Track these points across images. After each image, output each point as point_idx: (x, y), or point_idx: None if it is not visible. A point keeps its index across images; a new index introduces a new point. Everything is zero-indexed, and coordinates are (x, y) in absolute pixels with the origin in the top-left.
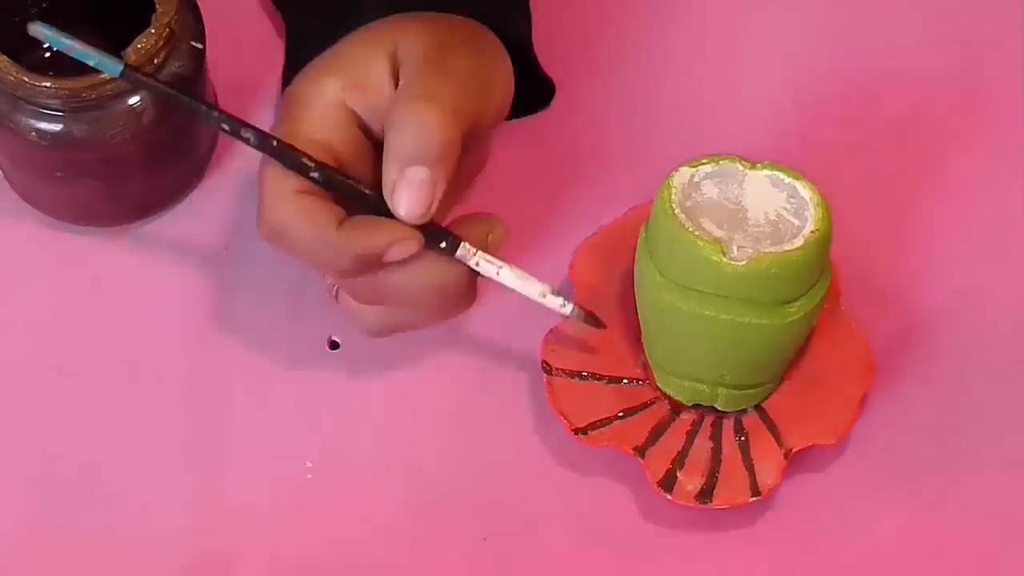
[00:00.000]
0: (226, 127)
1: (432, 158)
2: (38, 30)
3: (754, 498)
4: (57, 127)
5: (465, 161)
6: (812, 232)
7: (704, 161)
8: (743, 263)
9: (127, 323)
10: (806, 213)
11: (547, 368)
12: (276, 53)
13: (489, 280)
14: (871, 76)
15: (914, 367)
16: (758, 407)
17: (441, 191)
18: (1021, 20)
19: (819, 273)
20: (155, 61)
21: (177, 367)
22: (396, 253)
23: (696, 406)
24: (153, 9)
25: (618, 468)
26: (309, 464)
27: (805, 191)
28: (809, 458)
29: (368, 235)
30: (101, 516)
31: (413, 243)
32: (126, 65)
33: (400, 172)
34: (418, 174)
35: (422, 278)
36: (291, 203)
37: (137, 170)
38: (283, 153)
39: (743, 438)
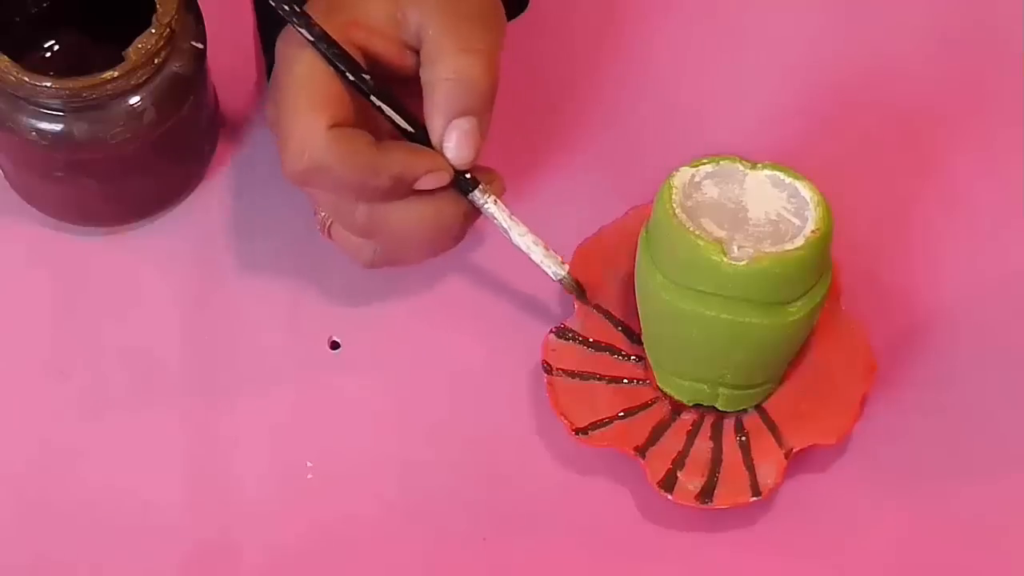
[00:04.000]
0: (285, 6)
1: (478, 109)
2: None
3: (754, 498)
4: (57, 127)
5: None
6: (813, 232)
7: (705, 161)
8: (743, 263)
9: (127, 323)
10: (807, 213)
11: (547, 368)
12: None
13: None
14: (872, 76)
15: (915, 367)
16: (759, 407)
17: (485, 135)
18: (1021, 20)
19: (820, 273)
20: (155, 61)
21: (177, 367)
22: (429, 181)
23: (696, 406)
24: (153, 9)
25: (618, 468)
26: (309, 464)
27: (806, 191)
28: (809, 458)
29: (410, 159)
30: (101, 516)
31: (446, 174)
32: None
33: (446, 124)
34: (465, 124)
35: (424, 211)
36: (327, 135)
37: (137, 170)
38: (340, 52)
39: (744, 438)
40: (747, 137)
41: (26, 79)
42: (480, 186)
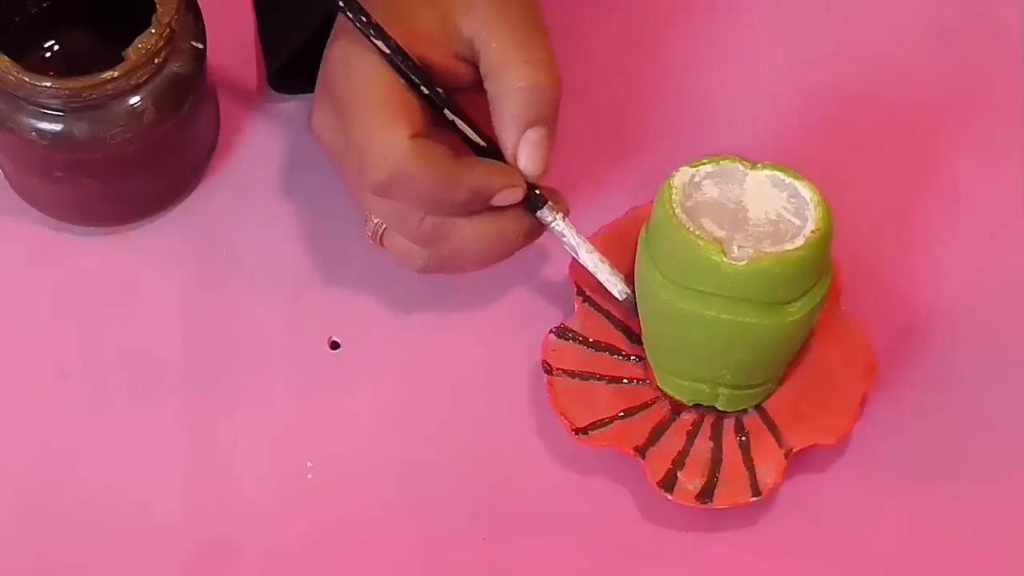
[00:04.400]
0: (362, 19)
1: (547, 117)
2: None
3: (754, 498)
4: (57, 127)
5: None
6: (812, 232)
7: (705, 161)
8: (743, 263)
9: (127, 323)
10: (807, 213)
11: (548, 368)
12: None
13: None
14: (872, 75)
15: (915, 367)
16: (759, 407)
17: (554, 141)
18: (1021, 20)
19: (820, 273)
20: (155, 61)
21: (177, 367)
22: (504, 198)
23: (696, 406)
24: (153, 9)
25: (618, 468)
26: (309, 464)
27: (806, 191)
28: (809, 458)
29: (487, 173)
30: (101, 516)
31: (520, 191)
32: None
33: (519, 136)
34: (536, 135)
35: (487, 228)
36: (409, 145)
37: (137, 170)
38: (412, 64)
39: (744, 438)
40: (747, 137)
41: (26, 79)
42: (548, 203)
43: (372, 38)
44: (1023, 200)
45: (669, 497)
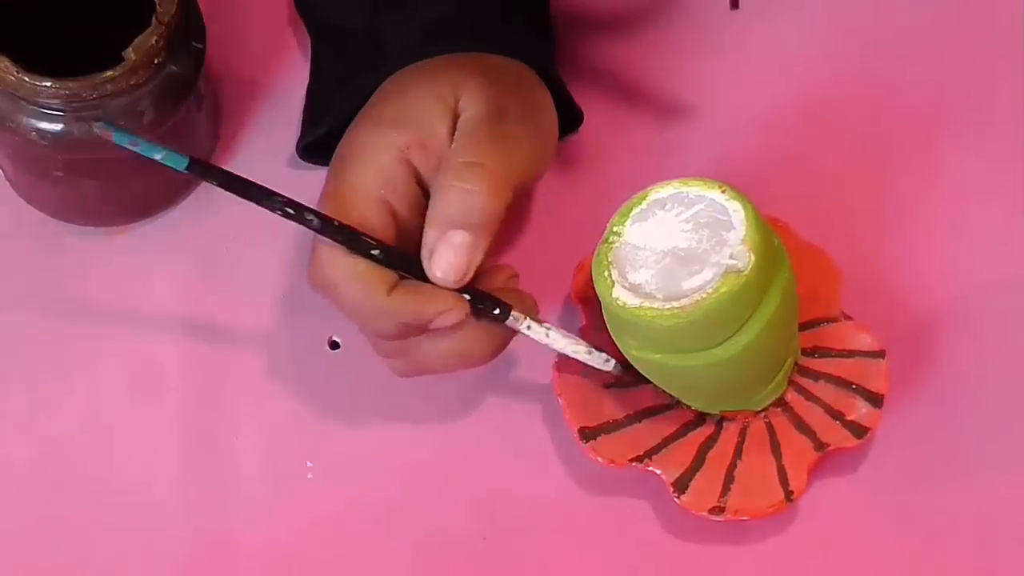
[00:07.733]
0: (290, 211)
1: (475, 225)
2: (102, 128)
3: (778, 505)
4: (57, 127)
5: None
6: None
7: (627, 220)
8: (670, 316)
9: (127, 323)
10: (723, 218)
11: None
12: (276, 53)
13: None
14: (872, 76)
15: (916, 368)
16: (784, 407)
17: (480, 257)
18: (1021, 20)
19: (752, 306)
20: (155, 61)
21: (177, 367)
22: (443, 321)
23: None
24: (153, 9)
25: (621, 469)
26: (309, 464)
27: (722, 213)
28: (830, 463)
29: (418, 303)
30: (100, 516)
31: (460, 312)
32: (190, 159)
33: (440, 235)
34: (458, 238)
35: (452, 346)
36: (344, 262)
37: (137, 170)
38: (345, 234)
39: (764, 441)
40: (746, 137)
41: (26, 79)
42: (512, 313)
43: (304, 217)
44: (1023, 200)
45: (677, 501)
